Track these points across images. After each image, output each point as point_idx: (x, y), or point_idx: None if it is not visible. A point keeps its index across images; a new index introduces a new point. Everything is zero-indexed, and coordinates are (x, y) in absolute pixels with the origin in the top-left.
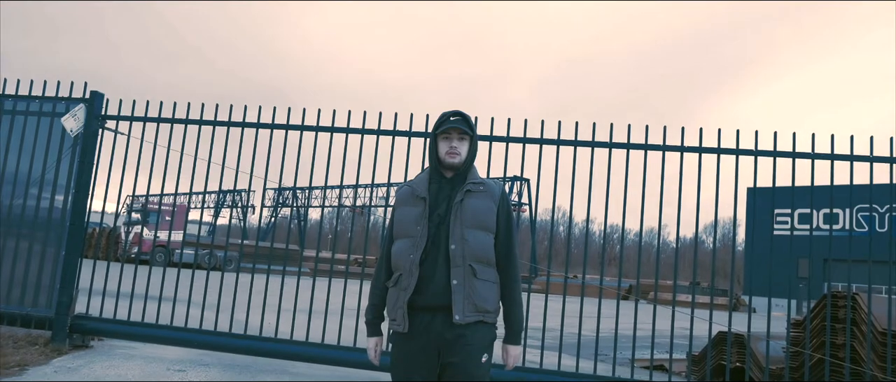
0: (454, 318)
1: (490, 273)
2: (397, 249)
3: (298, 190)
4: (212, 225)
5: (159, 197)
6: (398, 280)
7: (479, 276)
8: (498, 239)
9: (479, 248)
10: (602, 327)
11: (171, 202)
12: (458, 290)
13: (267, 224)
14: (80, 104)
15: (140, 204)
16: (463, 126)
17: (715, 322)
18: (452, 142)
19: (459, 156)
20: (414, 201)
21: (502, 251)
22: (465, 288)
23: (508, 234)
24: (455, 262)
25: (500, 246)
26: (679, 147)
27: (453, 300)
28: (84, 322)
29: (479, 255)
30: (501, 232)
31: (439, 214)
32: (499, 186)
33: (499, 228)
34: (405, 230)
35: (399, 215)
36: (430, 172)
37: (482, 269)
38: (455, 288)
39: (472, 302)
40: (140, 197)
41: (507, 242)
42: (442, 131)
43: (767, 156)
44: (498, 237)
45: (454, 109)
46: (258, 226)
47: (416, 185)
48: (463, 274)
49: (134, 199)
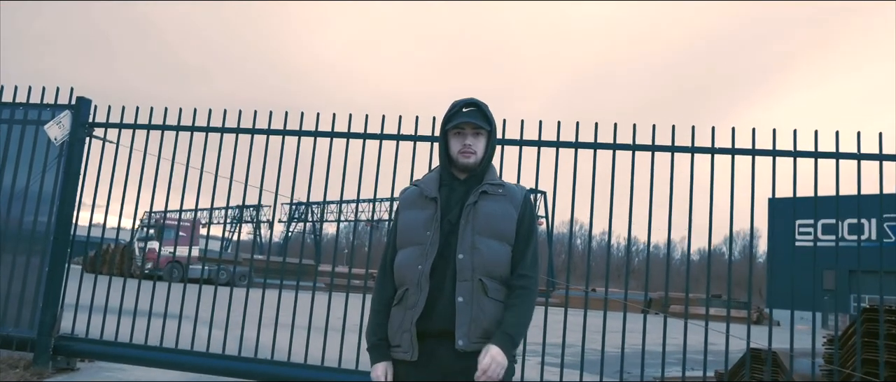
0: (457, 343)
1: (501, 290)
2: (402, 259)
3: (312, 204)
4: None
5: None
6: (404, 296)
7: (491, 295)
8: (516, 252)
9: (492, 261)
10: (624, 342)
11: (183, 216)
12: (464, 310)
13: (280, 238)
14: (66, 111)
15: (154, 220)
16: (478, 120)
17: (742, 338)
18: (466, 139)
19: (475, 155)
20: (422, 203)
21: (519, 264)
22: (472, 307)
23: (528, 247)
24: (462, 275)
25: (516, 259)
26: (709, 149)
27: (457, 321)
28: (69, 344)
29: (491, 269)
30: (521, 244)
31: (450, 220)
32: (522, 190)
33: (519, 239)
34: (412, 236)
35: (404, 219)
36: (440, 172)
37: (495, 287)
38: (460, 308)
39: (480, 326)
40: (155, 213)
41: (525, 256)
42: (453, 126)
43: (787, 157)
44: (516, 250)
45: (467, 98)
46: (270, 239)
47: (425, 185)
48: (471, 290)
49: (148, 215)
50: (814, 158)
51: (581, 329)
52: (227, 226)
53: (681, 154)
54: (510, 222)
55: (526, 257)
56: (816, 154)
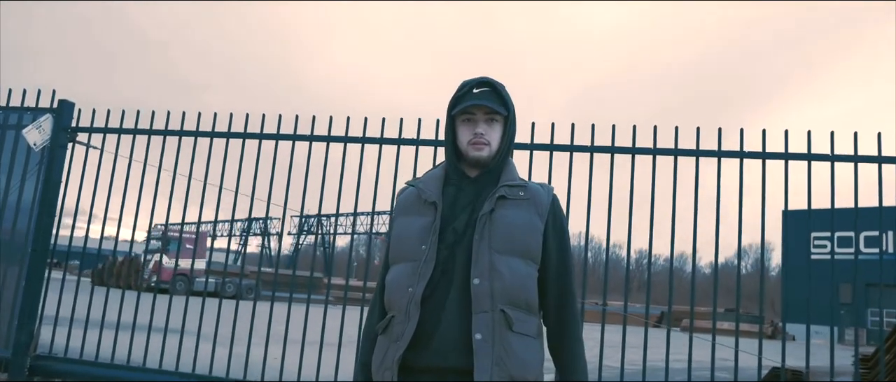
0: None
1: (531, 324)
2: (392, 278)
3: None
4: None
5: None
6: (390, 325)
7: (517, 329)
8: (546, 273)
9: (516, 285)
10: (637, 358)
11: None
12: (484, 349)
13: (288, 250)
14: (47, 114)
15: (161, 232)
16: (493, 102)
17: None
18: (478, 126)
19: (488, 147)
20: (420, 207)
21: (553, 292)
22: (494, 346)
23: (563, 266)
24: (480, 305)
25: (549, 284)
26: (737, 153)
27: (477, 364)
28: (47, 363)
29: (515, 296)
30: (552, 263)
31: (455, 230)
32: (548, 192)
33: (548, 256)
34: (404, 250)
35: (398, 228)
36: (445, 169)
37: (521, 318)
38: (479, 346)
39: (505, 369)
40: (162, 226)
41: (560, 278)
42: (461, 111)
43: (800, 160)
44: (546, 270)
45: (479, 76)
46: (278, 252)
47: (425, 185)
48: (492, 325)
49: (154, 227)
50: (830, 162)
51: (598, 345)
52: (224, 237)
53: (706, 159)
54: (536, 234)
55: (562, 279)
56: (833, 157)
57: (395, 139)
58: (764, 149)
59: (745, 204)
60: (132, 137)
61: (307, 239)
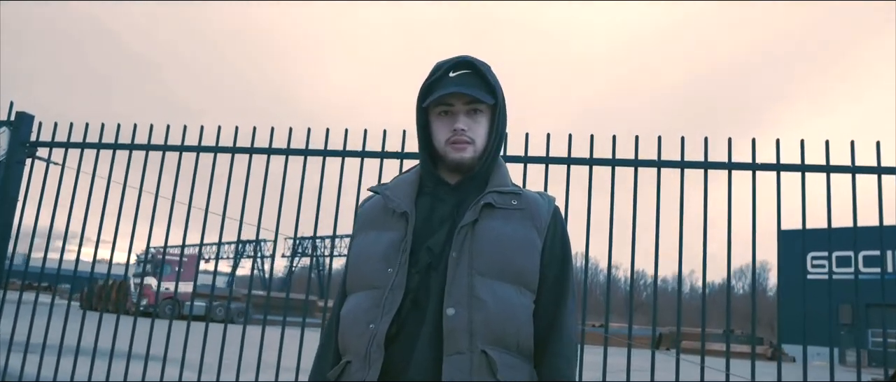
0: None
1: (522, 371)
2: (349, 312)
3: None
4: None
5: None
6: (344, 372)
7: (502, 377)
8: (541, 300)
9: (504, 319)
10: None
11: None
12: None
13: (283, 272)
14: (3, 128)
15: (152, 255)
16: (475, 89)
17: (766, 378)
18: (457, 121)
19: (472, 146)
20: (386, 220)
21: (546, 333)
22: None
23: (562, 298)
24: (454, 344)
25: (541, 321)
26: (750, 165)
27: None
28: None
29: (502, 333)
30: (549, 293)
31: (431, 249)
32: (548, 202)
33: (545, 281)
34: (365, 274)
35: (359, 247)
36: (419, 173)
37: (508, 363)
38: None
39: None
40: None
41: (559, 316)
42: (436, 101)
43: (794, 172)
44: (542, 297)
45: (458, 55)
46: (270, 275)
47: (394, 192)
48: (469, 370)
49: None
50: (826, 173)
51: (600, 370)
52: (208, 260)
53: (715, 171)
54: (531, 253)
55: (560, 317)
56: (828, 168)
57: (397, 153)
58: (778, 160)
59: (768, 215)
60: (96, 152)
61: (301, 261)
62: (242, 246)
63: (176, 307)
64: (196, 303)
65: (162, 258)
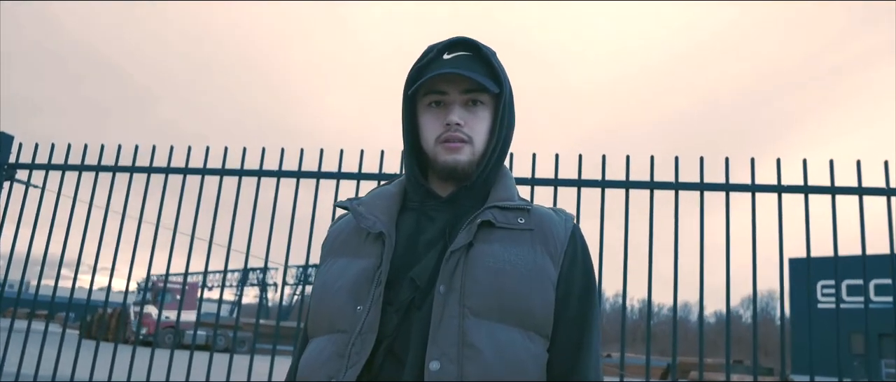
0: None
1: None
2: (307, 362)
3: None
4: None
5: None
6: None
7: None
8: (557, 348)
9: (505, 373)
10: None
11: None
12: None
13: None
14: None
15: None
16: (475, 72)
17: None
18: (451, 113)
19: (470, 146)
20: (358, 244)
21: (564, 376)
22: None
23: (584, 337)
24: None
25: (558, 366)
26: (775, 187)
27: None
28: None
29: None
30: (566, 332)
31: (415, 281)
32: (566, 221)
33: (562, 322)
34: (328, 314)
35: (322, 279)
36: (404, 184)
37: None
38: None
39: None
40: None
41: (577, 356)
42: (426, 89)
43: (796, 193)
44: (557, 344)
45: (453, 36)
46: (259, 302)
47: (369, 208)
48: None
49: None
50: (831, 194)
51: None
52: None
53: (737, 193)
54: (544, 287)
55: (581, 367)
56: (834, 189)
57: (396, 175)
58: (806, 182)
59: (766, 244)
60: (77, 174)
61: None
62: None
63: (176, 336)
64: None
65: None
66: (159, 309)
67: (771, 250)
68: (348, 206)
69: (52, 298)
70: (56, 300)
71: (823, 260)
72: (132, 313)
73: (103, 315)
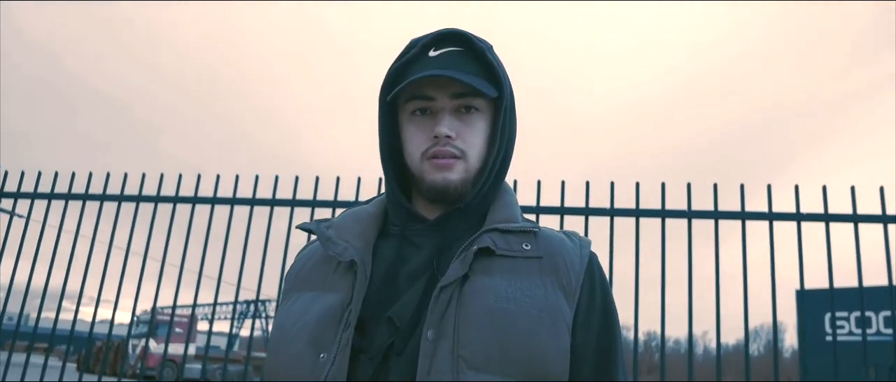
0: None
1: None
2: None
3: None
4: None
5: None
6: None
7: None
8: None
9: None
10: None
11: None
12: None
13: None
14: None
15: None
16: (468, 73)
17: None
18: (440, 123)
19: (463, 162)
20: (325, 276)
21: None
22: None
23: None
24: None
25: None
26: (794, 215)
27: None
28: None
29: None
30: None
31: (395, 322)
32: (578, 245)
33: (581, 371)
34: (284, 364)
35: (280, 320)
36: (385, 204)
37: None
38: None
39: None
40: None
41: None
42: (408, 94)
43: (817, 221)
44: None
45: (441, 29)
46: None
47: (339, 231)
48: None
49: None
50: (853, 223)
51: None
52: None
53: (754, 222)
54: (555, 328)
55: None
56: (856, 217)
57: None
58: (826, 209)
59: (781, 273)
60: (64, 203)
61: None
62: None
63: (178, 370)
64: (195, 366)
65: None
66: (166, 344)
67: (780, 279)
68: (314, 229)
69: (34, 330)
70: (38, 331)
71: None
72: (130, 347)
73: (103, 347)
